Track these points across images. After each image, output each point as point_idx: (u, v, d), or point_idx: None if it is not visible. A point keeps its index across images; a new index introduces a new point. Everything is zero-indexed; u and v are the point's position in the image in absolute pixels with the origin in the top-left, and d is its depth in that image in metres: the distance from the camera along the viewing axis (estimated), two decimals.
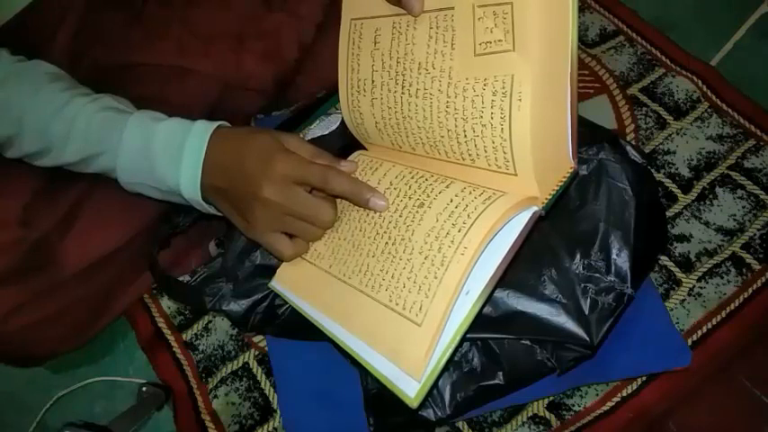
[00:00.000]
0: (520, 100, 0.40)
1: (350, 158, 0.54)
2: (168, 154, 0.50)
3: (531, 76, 0.39)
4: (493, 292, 0.41)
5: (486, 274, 0.39)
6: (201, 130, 0.50)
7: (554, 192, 0.43)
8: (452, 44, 0.44)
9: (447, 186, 0.44)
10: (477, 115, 0.42)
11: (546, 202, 0.42)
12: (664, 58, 0.78)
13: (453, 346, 0.39)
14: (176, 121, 0.51)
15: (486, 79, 0.41)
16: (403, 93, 0.47)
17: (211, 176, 0.49)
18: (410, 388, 0.39)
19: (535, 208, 0.41)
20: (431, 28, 0.45)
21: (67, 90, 0.52)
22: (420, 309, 0.40)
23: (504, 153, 0.41)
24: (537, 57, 0.39)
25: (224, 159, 0.49)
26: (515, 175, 0.42)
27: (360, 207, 0.49)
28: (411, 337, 0.40)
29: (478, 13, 0.41)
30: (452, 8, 0.43)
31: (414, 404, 0.39)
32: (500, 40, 0.41)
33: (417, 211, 0.44)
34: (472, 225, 0.40)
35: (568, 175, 0.44)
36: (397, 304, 0.42)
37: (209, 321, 0.69)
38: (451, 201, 0.43)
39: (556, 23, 0.39)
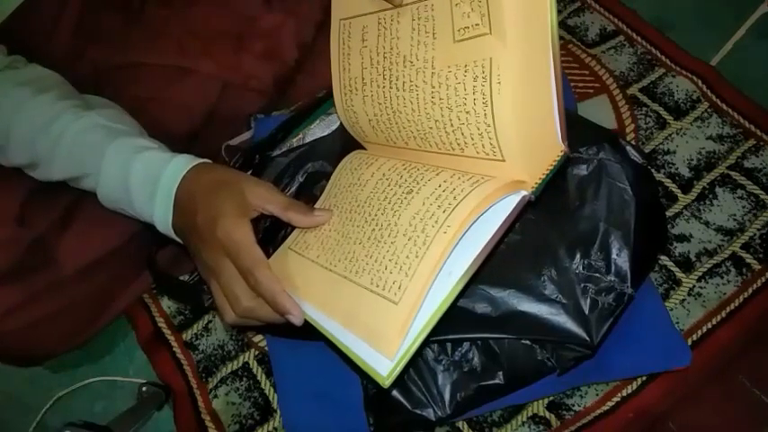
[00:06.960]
0: (499, 83, 0.39)
1: (346, 159, 0.54)
2: (144, 190, 0.50)
3: (508, 58, 0.39)
4: (475, 276, 0.39)
5: (471, 256, 0.39)
6: (176, 169, 0.49)
7: (544, 176, 0.42)
8: (433, 33, 0.43)
9: (437, 174, 0.44)
10: (460, 103, 0.42)
11: (536, 186, 0.41)
12: (664, 58, 0.78)
13: (430, 326, 0.38)
14: (154, 154, 0.50)
15: (466, 65, 0.41)
16: (391, 87, 0.47)
17: (175, 217, 0.49)
18: (383, 367, 0.38)
19: (524, 192, 0.41)
20: (413, 20, 0.45)
21: (57, 102, 0.51)
22: (399, 287, 0.39)
23: (490, 139, 0.41)
24: (514, 38, 0.39)
25: (185, 205, 0.48)
26: (503, 160, 0.42)
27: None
28: (387, 315, 0.39)
29: None
30: None
31: (385, 384, 0.37)
32: (477, 24, 0.40)
33: (405, 197, 0.44)
34: (457, 205, 0.39)
35: (559, 158, 0.43)
36: (377, 286, 0.41)
37: (209, 321, 0.69)
38: (440, 186, 0.42)
39: (533, 3, 0.38)
